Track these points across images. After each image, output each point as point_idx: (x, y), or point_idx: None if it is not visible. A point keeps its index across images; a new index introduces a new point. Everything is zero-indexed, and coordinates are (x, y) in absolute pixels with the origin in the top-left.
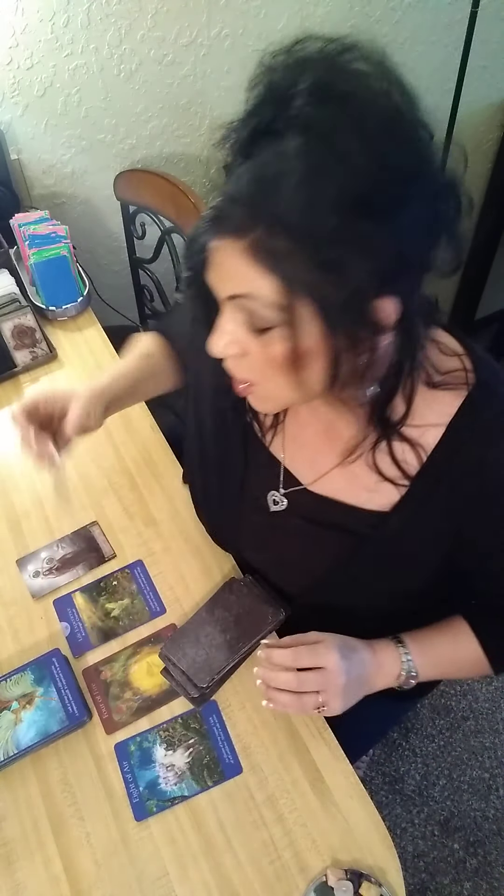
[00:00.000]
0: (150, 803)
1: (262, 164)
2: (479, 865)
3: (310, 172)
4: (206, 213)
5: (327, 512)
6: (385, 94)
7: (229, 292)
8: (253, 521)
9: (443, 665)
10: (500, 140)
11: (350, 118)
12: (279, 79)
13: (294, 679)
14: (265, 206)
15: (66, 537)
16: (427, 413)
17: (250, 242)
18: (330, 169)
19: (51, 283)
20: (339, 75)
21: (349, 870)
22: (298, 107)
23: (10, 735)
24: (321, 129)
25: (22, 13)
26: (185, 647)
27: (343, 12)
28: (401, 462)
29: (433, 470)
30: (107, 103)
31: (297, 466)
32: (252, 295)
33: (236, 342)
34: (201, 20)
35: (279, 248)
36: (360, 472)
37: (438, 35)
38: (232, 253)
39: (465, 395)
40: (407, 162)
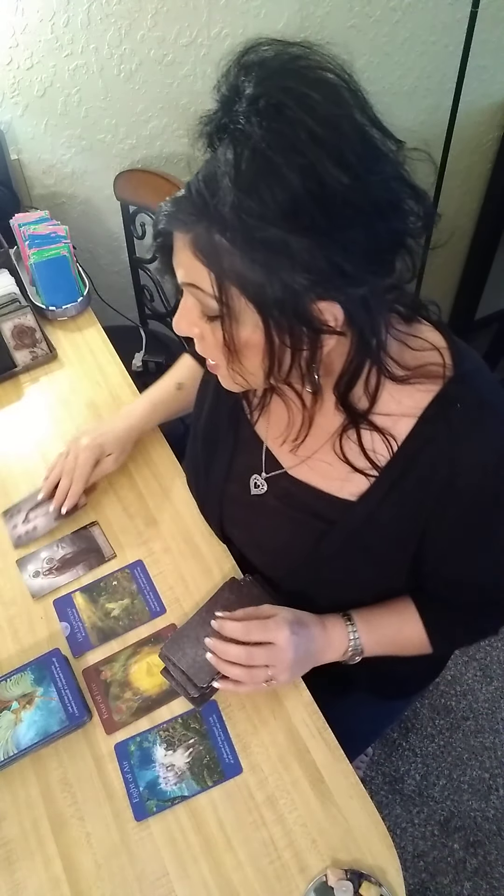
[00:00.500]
0: (150, 803)
1: (210, 163)
2: (479, 865)
3: (240, 183)
4: (164, 204)
5: (302, 497)
6: (331, 106)
7: (181, 280)
8: (235, 501)
9: (387, 643)
10: (500, 140)
11: (283, 133)
12: (228, 84)
13: (244, 653)
14: (207, 204)
15: (66, 537)
16: (397, 404)
17: (193, 237)
18: (259, 183)
19: (51, 283)
20: (279, 86)
21: (349, 870)
22: (238, 114)
23: (10, 735)
24: (253, 142)
25: (22, 13)
26: (185, 647)
27: (343, 12)
28: (369, 452)
29: (402, 461)
30: (107, 103)
31: (278, 449)
32: (196, 285)
33: (194, 324)
34: (201, 20)
35: (215, 246)
36: (334, 462)
37: (438, 35)
38: (180, 245)
39: (439, 386)
40: (344, 180)
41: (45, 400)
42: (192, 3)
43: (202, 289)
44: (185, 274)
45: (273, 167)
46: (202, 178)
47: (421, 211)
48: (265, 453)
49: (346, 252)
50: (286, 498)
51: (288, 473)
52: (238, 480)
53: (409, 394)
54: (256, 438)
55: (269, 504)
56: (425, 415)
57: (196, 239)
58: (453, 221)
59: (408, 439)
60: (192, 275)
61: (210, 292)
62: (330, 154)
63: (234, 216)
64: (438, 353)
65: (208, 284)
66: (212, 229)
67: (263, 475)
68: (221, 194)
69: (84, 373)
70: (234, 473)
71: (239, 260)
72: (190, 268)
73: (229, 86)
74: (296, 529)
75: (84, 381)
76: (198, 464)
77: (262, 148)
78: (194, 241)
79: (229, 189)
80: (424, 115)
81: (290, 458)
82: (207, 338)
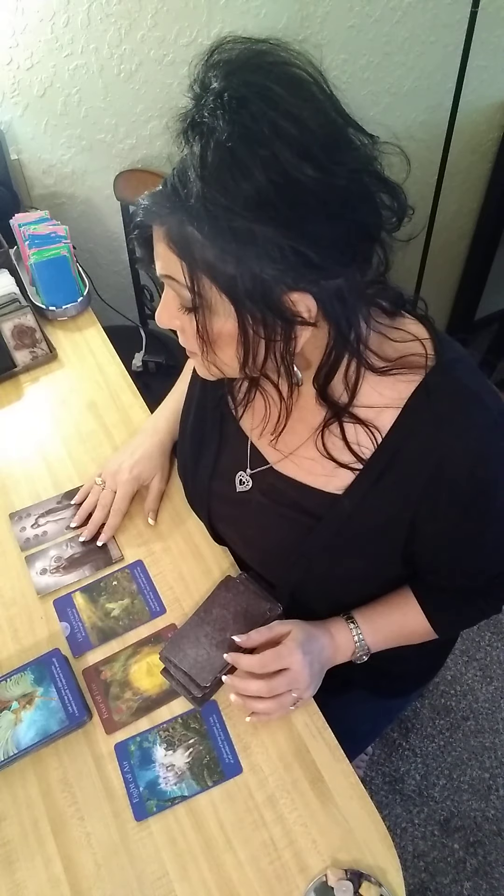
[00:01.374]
0: (150, 803)
1: (182, 159)
2: (479, 865)
3: (207, 177)
4: (141, 199)
5: (288, 493)
6: (296, 98)
7: (159, 272)
8: (222, 499)
9: (392, 638)
10: (500, 140)
11: (247, 127)
12: (199, 81)
13: (265, 686)
14: (179, 196)
15: (75, 537)
16: (380, 396)
17: (167, 229)
18: (224, 177)
19: (51, 283)
20: (242, 81)
21: (349, 870)
22: (205, 110)
23: (10, 735)
24: (218, 137)
25: (22, 13)
26: (186, 647)
27: (343, 12)
28: (353, 445)
29: (387, 452)
30: (107, 103)
31: (263, 444)
32: (172, 276)
33: (174, 316)
34: (201, 20)
35: (187, 237)
36: (317, 457)
37: (438, 35)
38: (158, 237)
39: (421, 376)
40: (310, 173)
41: (45, 400)
42: (192, 3)
43: (177, 280)
44: (162, 266)
45: (236, 159)
46: (176, 172)
47: (395, 205)
48: (250, 449)
49: (314, 243)
50: (272, 494)
51: (273, 469)
52: (224, 477)
53: (390, 385)
54: (241, 434)
55: (256, 500)
56: (408, 405)
57: (169, 231)
58: (453, 221)
59: (392, 430)
60: (168, 266)
61: (184, 283)
62: (293, 146)
63: (202, 207)
64: (420, 345)
65: (182, 276)
66: (184, 221)
67: (248, 471)
68: (191, 186)
69: (84, 373)
70: (220, 470)
71: (210, 250)
72: (166, 260)
73: (199, 83)
74: (283, 525)
75: (84, 381)
76: (186, 461)
77: (225, 140)
78: (168, 233)
79: (196, 181)
80: (424, 115)
81: (275, 454)
82: (186, 329)
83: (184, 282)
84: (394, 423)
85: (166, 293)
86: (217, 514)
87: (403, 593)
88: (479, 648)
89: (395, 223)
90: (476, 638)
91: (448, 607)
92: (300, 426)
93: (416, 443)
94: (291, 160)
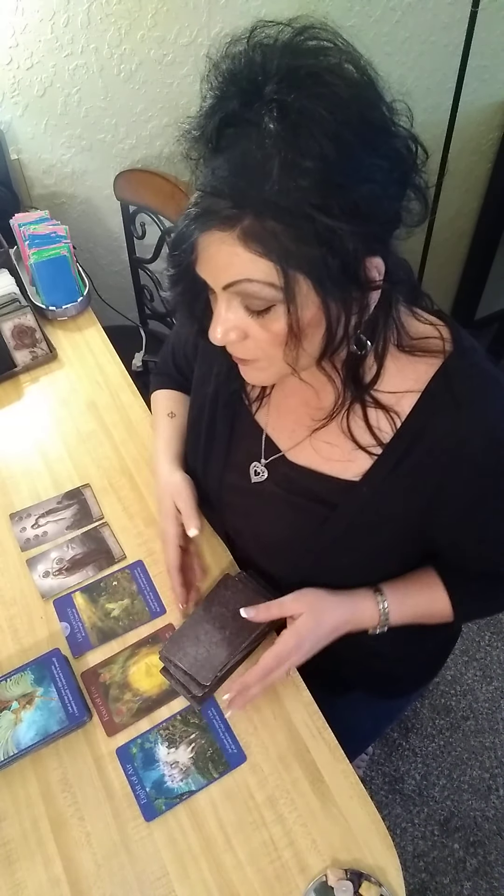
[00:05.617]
0: (159, 802)
1: (239, 154)
2: (479, 865)
3: (292, 151)
4: (190, 210)
5: (303, 481)
6: (346, 64)
7: (226, 281)
8: (236, 490)
9: (414, 618)
10: (500, 140)
11: (322, 94)
12: (242, 67)
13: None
14: (250, 194)
15: (76, 538)
16: (402, 379)
17: (241, 231)
18: (311, 144)
19: (51, 283)
20: (303, 56)
21: (349, 870)
22: (270, 93)
23: (10, 735)
24: (297, 109)
25: (22, 13)
26: (186, 646)
27: (343, 12)
28: (374, 429)
29: (406, 437)
30: (107, 103)
31: (278, 435)
32: (249, 279)
33: (236, 328)
34: (201, 20)
35: (269, 231)
36: (337, 442)
37: (438, 35)
38: (223, 244)
39: (441, 362)
40: (378, 124)
41: (45, 400)
42: (192, 3)
43: (257, 280)
44: (232, 273)
45: (322, 126)
46: (229, 172)
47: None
48: (265, 441)
49: (385, 197)
50: (287, 484)
51: (287, 459)
52: (237, 469)
53: (413, 367)
54: (256, 427)
55: (270, 491)
56: (429, 389)
57: (244, 232)
58: (453, 221)
59: (411, 414)
60: (241, 271)
61: (266, 281)
62: (369, 105)
63: (289, 192)
64: (437, 330)
65: (263, 275)
66: (262, 217)
67: (263, 461)
68: (268, 177)
69: (84, 373)
70: (232, 462)
71: (295, 239)
72: (239, 265)
73: (241, 70)
74: (297, 516)
75: (84, 381)
76: (196, 457)
77: (307, 111)
78: (243, 235)
79: (280, 164)
80: (424, 115)
81: (290, 443)
82: (254, 335)
83: (265, 280)
84: (413, 407)
85: (225, 304)
86: (229, 506)
87: (429, 574)
88: (479, 648)
89: None
90: (476, 638)
91: (471, 593)
92: (318, 413)
93: (436, 426)
94: (372, 113)
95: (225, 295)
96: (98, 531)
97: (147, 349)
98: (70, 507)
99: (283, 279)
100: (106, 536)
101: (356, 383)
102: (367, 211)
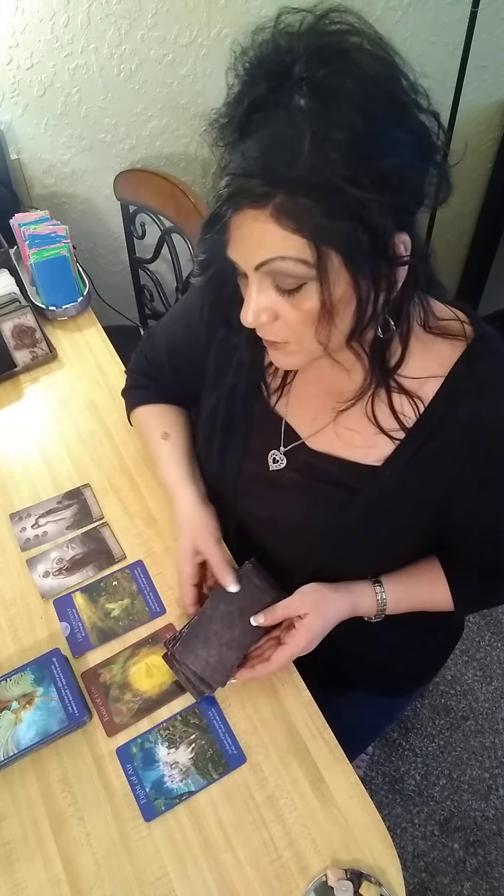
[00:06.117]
0: (158, 802)
1: (272, 134)
2: (479, 865)
3: (323, 129)
4: (221, 192)
5: (323, 468)
6: (371, 44)
7: (258, 260)
8: (253, 478)
9: (412, 607)
10: (500, 140)
11: (350, 71)
12: (269, 52)
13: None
14: (281, 171)
15: (76, 538)
16: (426, 364)
17: (273, 209)
18: (340, 121)
19: (51, 283)
20: (328, 37)
21: (349, 870)
22: (299, 72)
23: (10, 735)
24: (327, 84)
25: (22, 13)
26: (196, 648)
27: None
28: (399, 414)
29: (429, 422)
30: (107, 103)
31: (298, 422)
32: (282, 257)
33: (268, 308)
34: (201, 20)
35: (302, 207)
36: (358, 427)
37: (438, 35)
38: (256, 223)
39: (464, 346)
40: (404, 99)
41: (45, 400)
42: (192, 3)
43: (289, 257)
44: (265, 252)
45: (351, 100)
46: (259, 153)
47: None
48: (284, 428)
49: (411, 167)
50: (307, 470)
51: (308, 446)
52: (256, 457)
53: (437, 349)
54: (275, 416)
55: (289, 478)
56: (452, 373)
57: (277, 209)
58: (453, 221)
59: (434, 399)
60: (274, 249)
61: (299, 258)
62: (394, 80)
63: (320, 166)
64: (456, 315)
65: (296, 252)
66: (293, 194)
67: (282, 449)
68: (299, 154)
69: (84, 373)
70: (251, 451)
71: (326, 214)
72: (272, 243)
73: (269, 55)
74: (315, 500)
75: (84, 381)
76: (212, 447)
77: (336, 86)
78: (276, 212)
79: (311, 138)
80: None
81: (311, 431)
82: (285, 315)
83: (298, 256)
84: (437, 391)
85: (256, 286)
86: (246, 494)
87: (432, 564)
88: (479, 648)
89: None
90: (476, 638)
91: (473, 585)
92: (340, 400)
93: (458, 411)
94: (397, 88)
95: (256, 276)
96: (98, 531)
97: None
98: (70, 507)
99: (316, 255)
100: (106, 536)
101: (382, 367)
102: (396, 183)
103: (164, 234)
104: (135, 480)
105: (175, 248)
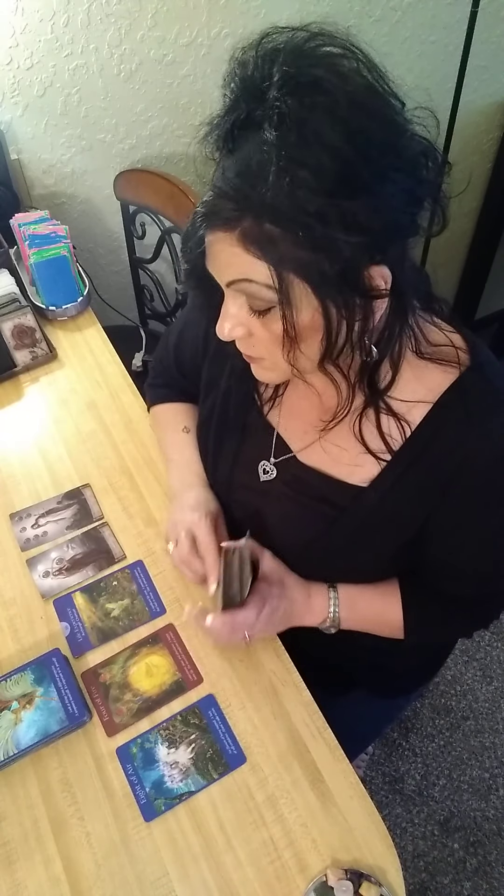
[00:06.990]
0: (158, 802)
1: (244, 157)
2: (479, 865)
3: (287, 160)
4: (199, 208)
5: (312, 483)
6: (354, 73)
7: (228, 279)
8: (245, 488)
9: (366, 622)
10: (500, 140)
11: (321, 103)
12: (251, 73)
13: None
14: (249, 197)
15: (76, 538)
16: (416, 388)
17: (240, 233)
18: (306, 154)
19: (51, 282)
20: (307, 63)
21: (349, 870)
22: (272, 98)
23: (10, 735)
24: (294, 118)
25: (22, 13)
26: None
27: (343, 12)
28: (386, 435)
29: (415, 446)
30: (107, 103)
31: (289, 435)
32: (248, 279)
33: (240, 324)
34: (201, 20)
35: (267, 235)
36: (346, 445)
37: (438, 35)
38: (225, 244)
39: (456, 374)
40: (381, 135)
41: (45, 400)
42: (192, 3)
43: (255, 281)
44: (233, 272)
45: (318, 136)
46: (235, 174)
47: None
48: (275, 439)
49: (391, 207)
50: (296, 484)
51: (297, 459)
52: (247, 467)
53: (429, 375)
54: (267, 426)
55: (279, 490)
56: (441, 400)
57: (244, 234)
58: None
59: (422, 424)
60: (241, 271)
61: (265, 283)
62: (371, 115)
63: (284, 198)
64: (450, 340)
65: (261, 276)
66: (260, 220)
67: (272, 460)
68: (265, 182)
69: (84, 373)
70: (242, 460)
71: (292, 244)
72: (239, 264)
73: (250, 76)
74: (305, 515)
75: (84, 381)
76: (206, 454)
77: (305, 120)
78: (243, 237)
79: (276, 171)
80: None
81: (301, 444)
82: (257, 333)
83: (264, 282)
84: (425, 416)
85: (231, 302)
86: (237, 503)
87: (392, 583)
88: (479, 648)
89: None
90: (476, 638)
91: (426, 613)
92: (329, 415)
93: (445, 438)
94: (371, 126)
95: (230, 292)
96: (98, 531)
97: (147, 349)
98: (70, 507)
99: (278, 282)
100: (106, 536)
101: (371, 388)
102: (367, 222)
103: (164, 234)
104: (135, 480)
105: (175, 248)
